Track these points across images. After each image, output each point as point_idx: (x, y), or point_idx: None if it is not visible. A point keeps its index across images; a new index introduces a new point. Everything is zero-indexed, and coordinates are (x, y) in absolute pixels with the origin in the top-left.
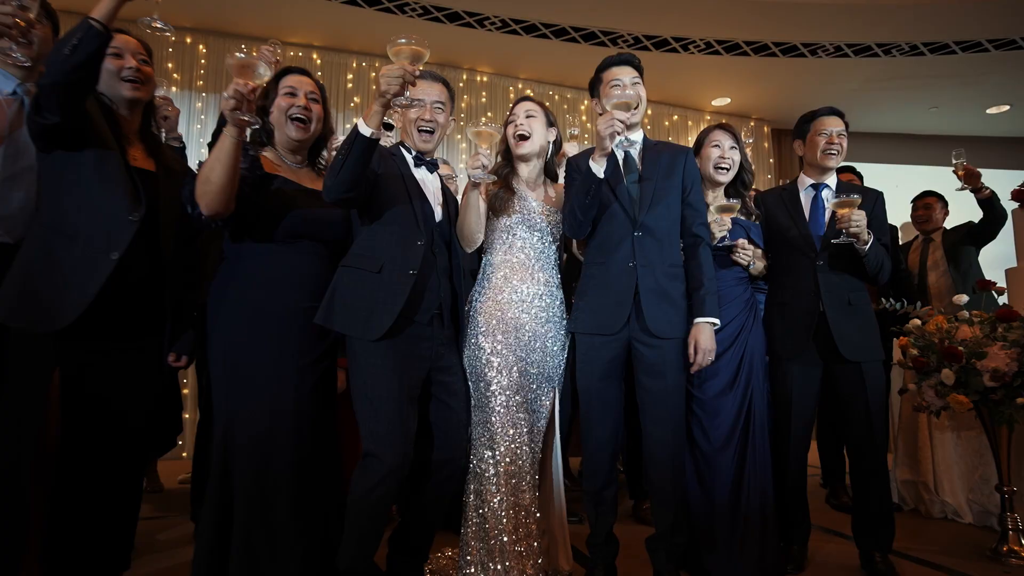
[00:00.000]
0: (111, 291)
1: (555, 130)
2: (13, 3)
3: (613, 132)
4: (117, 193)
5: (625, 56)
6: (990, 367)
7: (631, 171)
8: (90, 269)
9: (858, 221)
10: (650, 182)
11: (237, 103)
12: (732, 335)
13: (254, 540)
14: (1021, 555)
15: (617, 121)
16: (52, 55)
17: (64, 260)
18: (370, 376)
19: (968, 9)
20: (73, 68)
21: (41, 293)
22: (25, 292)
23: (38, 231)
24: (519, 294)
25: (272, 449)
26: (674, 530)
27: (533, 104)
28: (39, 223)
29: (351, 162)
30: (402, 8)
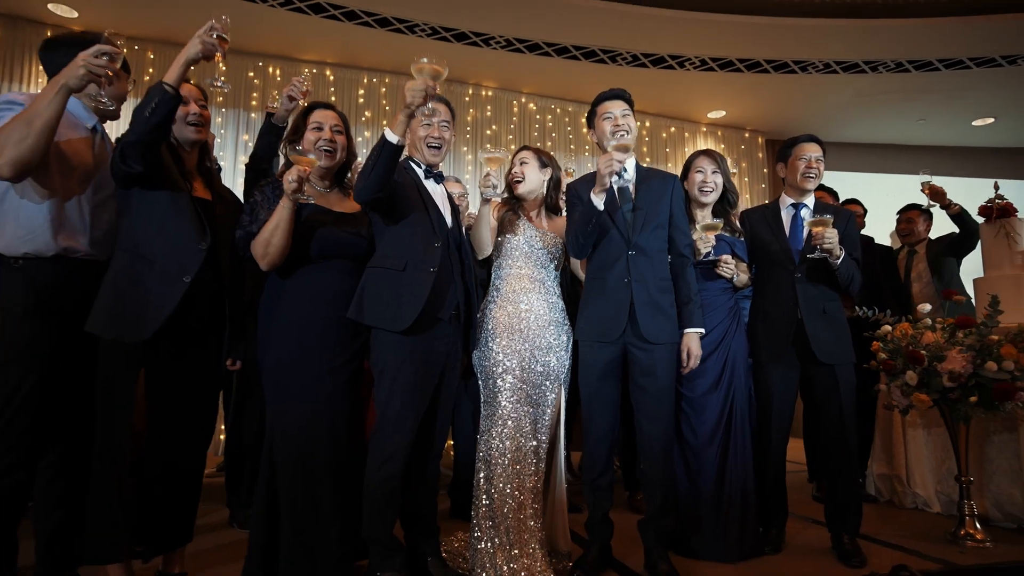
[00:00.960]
0: (183, 305)
1: (550, 169)
2: (104, 57)
3: (612, 171)
4: (187, 225)
5: (616, 91)
6: (948, 369)
7: (626, 200)
8: (168, 290)
9: (830, 239)
10: (642, 208)
11: (299, 186)
12: (717, 340)
13: (300, 512)
14: (976, 538)
15: (616, 162)
16: (135, 115)
17: (146, 282)
18: (390, 364)
19: (949, 29)
20: (152, 128)
21: (129, 310)
22: (116, 309)
23: (123, 257)
24: (525, 304)
25: (313, 436)
26: (663, 513)
27: (528, 152)
28: (123, 249)
29: (380, 166)
30: (412, 28)
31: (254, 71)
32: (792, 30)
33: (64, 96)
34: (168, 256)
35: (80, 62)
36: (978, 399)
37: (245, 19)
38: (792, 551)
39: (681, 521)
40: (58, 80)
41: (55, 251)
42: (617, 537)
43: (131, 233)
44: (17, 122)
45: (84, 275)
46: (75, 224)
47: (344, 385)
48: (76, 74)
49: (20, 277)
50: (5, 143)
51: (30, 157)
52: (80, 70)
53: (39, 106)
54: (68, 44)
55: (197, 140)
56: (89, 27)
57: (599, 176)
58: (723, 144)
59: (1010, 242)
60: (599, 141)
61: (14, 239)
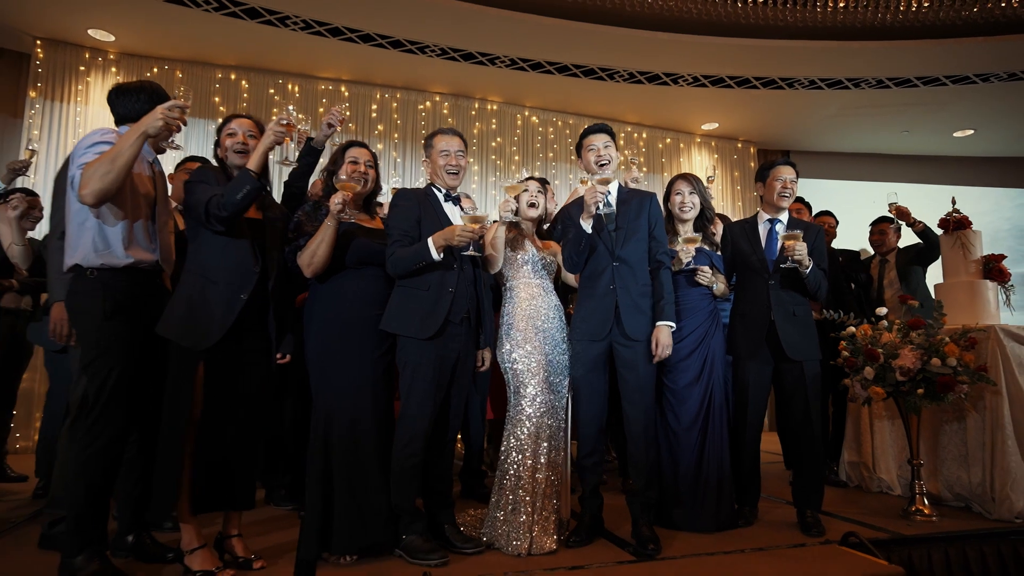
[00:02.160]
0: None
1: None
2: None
3: (597, 202)
4: (244, 251)
5: (599, 126)
6: (900, 365)
7: (610, 221)
8: (229, 305)
9: (800, 251)
10: (623, 226)
11: (343, 206)
12: (698, 339)
13: (353, 481)
14: (924, 512)
15: (599, 194)
16: (229, 195)
17: (211, 299)
18: (412, 362)
19: (926, 50)
20: (241, 208)
21: (198, 322)
22: (188, 321)
23: (192, 277)
24: (538, 308)
25: (359, 415)
26: (647, 487)
27: (539, 183)
28: (191, 271)
29: (413, 266)
30: (422, 49)
31: (274, 88)
32: (778, 51)
33: (143, 141)
34: (229, 278)
35: (159, 114)
36: (924, 391)
37: (267, 41)
38: (762, 525)
39: (664, 497)
40: (139, 127)
41: (126, 263)
42: (611, 514)
43: (199, 257)
44: (103, 160)
45: (149, 283)
46: (141, 241)
47: (383, 374)
48: (155, 124)
49: (97, 286)
50: (92, 176)
51: (110, 189)
52: (159, 121)
53: (122, 147)
54: (134, 91)
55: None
56: (124, 50)
57: (586, 205)
58: (716, 154)
59: (965, 252)
60: (585, 168)
61: (91, 253)
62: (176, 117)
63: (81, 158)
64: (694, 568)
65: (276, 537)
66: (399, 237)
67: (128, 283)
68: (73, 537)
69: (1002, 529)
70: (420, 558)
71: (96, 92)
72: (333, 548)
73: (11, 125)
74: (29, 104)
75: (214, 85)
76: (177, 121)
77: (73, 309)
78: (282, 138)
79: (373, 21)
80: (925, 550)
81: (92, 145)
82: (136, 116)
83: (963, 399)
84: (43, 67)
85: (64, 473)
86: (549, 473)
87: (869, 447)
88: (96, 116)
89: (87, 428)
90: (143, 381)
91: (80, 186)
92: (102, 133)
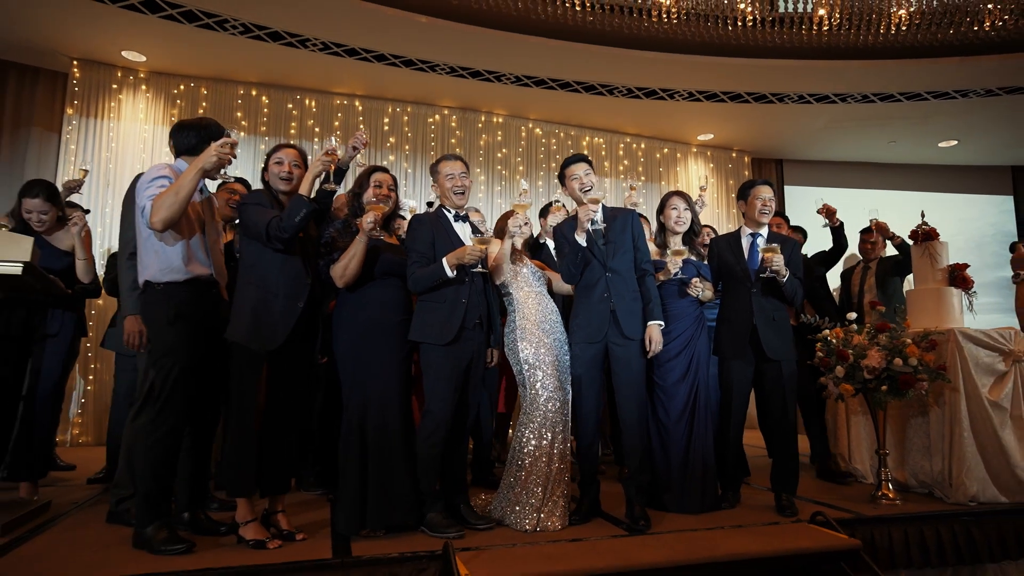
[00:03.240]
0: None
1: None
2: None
3: (589, 218)
4: (298, 264)
5: (578, 156)
6: (867, 364)
7: (598, 236)
8: (289, 313)
9: (778, 263)
10: (612, 240)
11: (375, 224)
12: (685, 341)
13: (383, 464)
14: (889, 497)
15: (591, 211)
16: (288, 219)
17: (273, 308)
18: (433, 363)
19: (907, 69)
20: (298, 229)
21: (263, 328)
22: (253, 327)
23: (251, 290)
24: (545, 313)
25: (388, 408)
26: (640, 472)
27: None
28: (250, 283)
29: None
30: (433, 68)
31: (292, 103)
32: (768, 69)
33: (201, 176)
34: (288, 290)
35: (213, 152)
36: (888, 388)
37: (287, 60)
38: (743, 507)
39: (655, 483)
40: (197, 163)
41: (186, 277)
42: (608, 499)
43: (258, 271)
44: (168, 193)
45: (206, 293)
46: (199, 257)
47: (406, 373)
48: (211, 160)
49: (163, 298)
50: (160, 207)
51: (174, 217)
52: (213, 157)
53: (184, 181)
54: (189, 128)
55: (287, 191)
56: (153, 69)
57: (580, 222)
58: (712, 163)
59: (932, 261)
60: (571, 195)
61: (157, 270)
62: (227, 153)
63: (146, 191)
64: (679, 542)
65: (309, 516)
66: (417, 258)
67: (188, 294)
68: (144, 511)
69: (955, 511)
70: (441, 532)
71: (127, 108)
72: (367, 524)
73: (49, 139)
74: (66, 120)
75: (236, 101)
76: (228, 156)
77: (145, 317)
78: (328, 167)
79: (387, 42)
80: (886, 529)
81: (153, 180)
82: (189, 148)
83: (924, 395)
84: (79, 86)
85: (129, 458)
86: (559, 463)
87: (845, 439)
88: (127, 131)
89: (152, 417)
90: (200, 380)
91: (151, 215)
92: (159, 169)
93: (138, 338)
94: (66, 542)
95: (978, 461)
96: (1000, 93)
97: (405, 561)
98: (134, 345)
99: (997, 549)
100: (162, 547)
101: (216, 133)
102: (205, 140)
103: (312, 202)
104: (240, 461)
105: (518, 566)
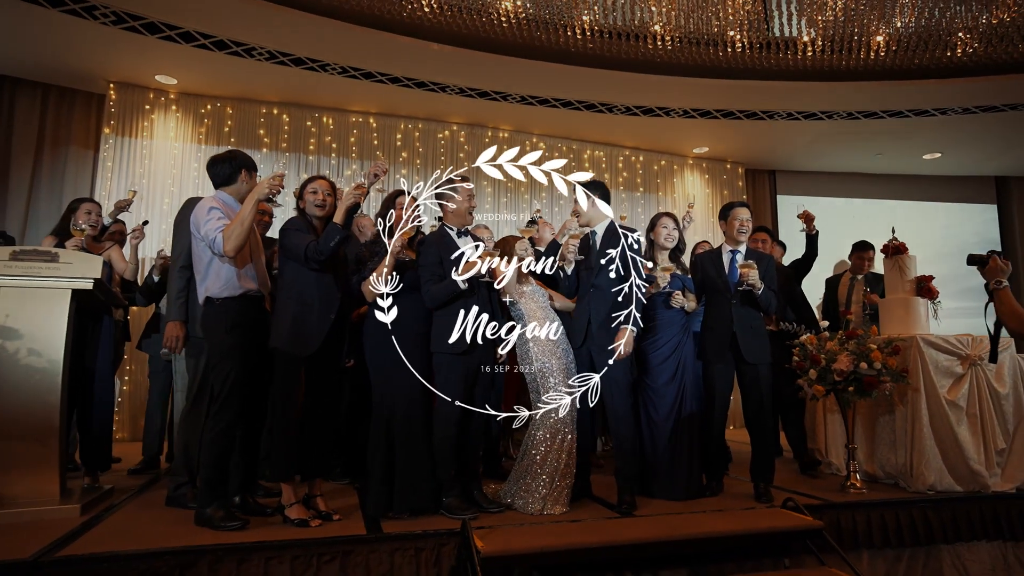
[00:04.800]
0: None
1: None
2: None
3: (574, 254)
4: (330, 281)
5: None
6: (837, 368)
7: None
8: (322, 323)
9: (752, 277)
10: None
11: (403, 247)
12: (672, 347)
13: (409, 454)
14: (857, 486)
15: (572, 247)
16: (323, 243)
17: (309, 319)
18: (449, 368)
19: (888, 90)
20: (332, 251)
21: (300, 335)
22: (293, 335)
23: (291, 303)
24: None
25: (412, 407)
26: (630, 462)
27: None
28: (289, 297)
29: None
30: (443, 88)
31: (311, 120)
32: (757, 89)
33: (257, 205)
34: (321, 303)
35: (266, 186)
36: (855, 389)
37: (307, 82)
38: (725, 495)
39: (644, 472)
40: (254, 195)
41: (240, 292)
42: (605, 488)
43: (296, 287)
44: (234, 224)
45: (256, 305)
46: (249, 275)
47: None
48: (264, 192)
49: (221, 310)
50: (230, 236)
51: (242, 244)
52: (266, 189)
53: (245, 213)
54: (222, 161)
55: (321, 216)
56: (183, 90)
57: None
58: (707, 175)
59: (902, 273)
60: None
61: (217, 287)
62: (277, 184)
63: (208, 224)
64: (662, 522)
65: (340, 502)
66: (429, 276)
67: (242, 306)
68: (205, 493)
69: (914, 499)
70: (458, 514)
71: (159, 127)
72: (395, 508)
73: (87, 157)
74: (104, 139)
75: (259, 119)
76: (278, 187)
77: (206, 327)
78: (359, 199)
79: (401, 67)
80: (851, 514)
81: (209, 212)
82: (224, 179)
83: (888, 395)
84: (116, 107)
85: (185, 451)
86: (566, 458)
87: (822, 436)
88: (159, 148)
89: (214, 414)
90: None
91: (223, 245)
92: (209, 202)
93: (175, 341)
94: (137, 520)
95: (936, 454)
96: (977, 111)
97: (429, 537)
98: (175, 348)
99: (951, 532)
100: (221, 524)
101: (244, 162)
102: (236, 169)
103: (344, 229)
104: (284, 450)
105: (526, 540)
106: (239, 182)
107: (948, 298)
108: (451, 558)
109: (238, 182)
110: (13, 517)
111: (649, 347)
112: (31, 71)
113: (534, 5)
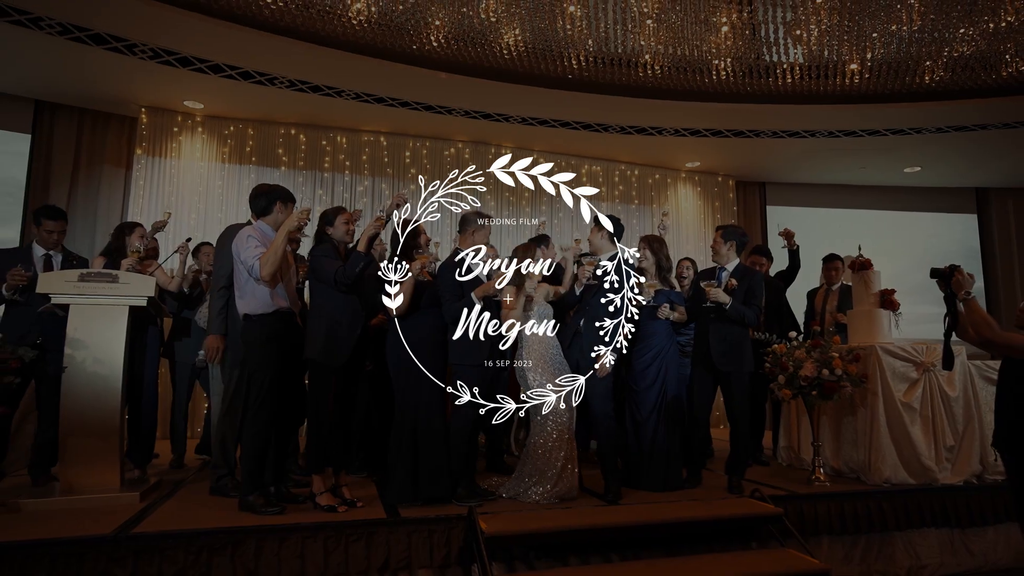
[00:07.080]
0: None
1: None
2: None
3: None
4: (355, 301)
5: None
6: (803, 374)
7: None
8: (349, 338)
9: (715, 295)
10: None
11: (424, 268)
12: (655, 354)
13: (432, 452)
14: (821, 479)
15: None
16: (349, 269)
17: (339, 335)
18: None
19: (863, 110)
20: (359, 278)
21: (332, 348)
22: (326, 348)
23: (322, 321)
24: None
25: (436, 408)
26: (613, 456)
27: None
28: (321, 315)
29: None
30: (450, 111)
31: (326, 140)
32: (743, 111)
33: (288, 236)
34: (349, 320)
35: (295, 219)
36: (818, 393)
37: (323, 106)
38: (703, 488)
39: (629, 466)
40: (285, 228)
41: (273, 309)
42: (594, 480)
43: (328, 307)
44: (270, 253)
45: (287, 321)
46: (281, 294)
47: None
48: (294, 225)
49: (258, 325)
50: (266, 264)
51: (276, 270)
52: (295, 222)
53: (279, 243)
54: (262, 194)
55: (347, 242)
56: (209, 114)
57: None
58: (700, 187)
59: (867, 287)
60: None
61: (254, 305)
62: (305, 218)
63: (247, 251)
64: (644, 509)
65: (361, 492)
66: (449, 296)
67: (275, 322)
68: (248, 483)
69: (871, 490)
70: (467, 502)
71: (186, 148)
72: (419, 496)
73: (119, 176)
74: (136, 160)
75: (278, 139)
76: (305, 220)
77: (245, 341)
78: (380, 230)
79: (411, 93)
80: (813, 504)
81: (248, 239)
82: (262, 210)
83: (849, 398)
84: (147, 129)
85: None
86: (564, 458)
87: (796, 435)
88: (186, 168)
89: (252, 416)
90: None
91: (260, 270)
92: (248, 231)
93: (215, 352)
94: (187, 507)
95: (892, 451)
96: (949, 131)
97: (440, 521)
98: (214, 359)
99: (903, 520)
100: (262, 509)
101: (279, 195)
102: (272, 202)
103: (367, 256)
104: (319, 446)
105: (524, 523)
106: (275, 212)
107: (927, 304)
108: (459, 539)
109: (274, 212)
110: (83, 502)
111: (634, 354)
112: (71, 97)
113: (534, 39)
